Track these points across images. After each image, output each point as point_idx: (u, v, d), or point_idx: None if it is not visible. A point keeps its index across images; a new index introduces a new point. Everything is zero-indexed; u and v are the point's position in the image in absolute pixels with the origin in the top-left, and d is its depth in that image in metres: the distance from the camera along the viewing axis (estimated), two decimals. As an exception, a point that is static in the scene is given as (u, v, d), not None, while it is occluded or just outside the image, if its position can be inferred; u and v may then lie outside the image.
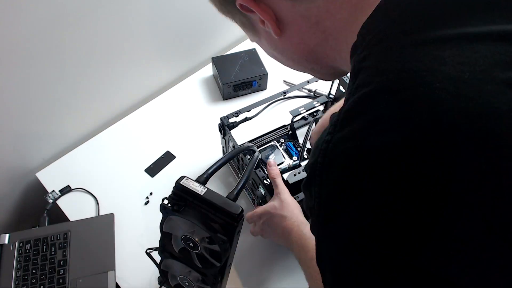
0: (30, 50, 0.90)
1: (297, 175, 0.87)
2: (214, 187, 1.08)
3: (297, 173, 0.87)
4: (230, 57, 1.30)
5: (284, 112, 1.22)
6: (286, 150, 1.08)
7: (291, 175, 0.87)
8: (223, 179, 1.11)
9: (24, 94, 0.97)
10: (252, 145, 0.83)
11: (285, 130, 1.12)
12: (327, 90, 1.11)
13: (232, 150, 0.77)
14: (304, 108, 1.02)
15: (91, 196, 1.08)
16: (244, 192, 1.08)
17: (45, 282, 0.93)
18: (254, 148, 0.83)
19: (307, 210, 0.43)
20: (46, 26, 0.89)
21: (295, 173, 0.87)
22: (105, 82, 1.13)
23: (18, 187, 1.14)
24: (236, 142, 0.97)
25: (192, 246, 0.66)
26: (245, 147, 0.82)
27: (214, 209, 0.61)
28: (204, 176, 0.68)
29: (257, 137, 1.08)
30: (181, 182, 0.62)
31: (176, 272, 0.78)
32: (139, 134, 1.20)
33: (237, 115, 1.01)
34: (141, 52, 1.16)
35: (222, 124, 1.00)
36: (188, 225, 0.63)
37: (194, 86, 1.31)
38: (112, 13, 0.99)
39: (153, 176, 1.12)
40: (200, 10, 1.21)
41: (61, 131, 1.14)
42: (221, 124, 1.00)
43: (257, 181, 0.91)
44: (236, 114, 1.01)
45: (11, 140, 1.03)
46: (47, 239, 0.98)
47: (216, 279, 0.73)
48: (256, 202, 1.01)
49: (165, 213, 0.64)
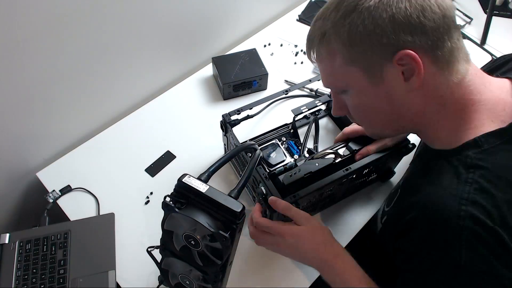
0: (30, 50, 0.89)
1: (292, 176, 0.87)
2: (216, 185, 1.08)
3: (292, 174, 0.87)
4: (230, 57, 1.30)
5: (285, 111, 1.23)
6: (288, 149, 1.08)
7: (287, 176, 0.87)
8: (225, 177, 1.12)
9: (25, 94, 0.97)
10: (253, 143, 0.83)
11: (287, 128, 1.13)
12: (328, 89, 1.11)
13: (234, 149, 0.78)
14: (306, 107, 1.03)
15: (92, 195, 1.08)
16: (245, 189, 1.08)
17: (46, 281, 0.93)
18: (256, 146, 0.83)
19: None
20: (47, 26, 0.89)
21: (291, 174, 0.87)
22: (105, 82, 1.13)
23: (19, 187, 1.14)
24: (237, 140, 0.97)
25: (194, 244, 0.66)
26: (246, 145, 0.82)
27: (216, 207, 0.61)
28: (206, 174, 0.68)
29: (258, 135, 1.08)
30: (183, 180, 0.62)
31: (177, 270, 0.78)
32: (139, 134, 1.20)
33: (239, 112, 1.01)
34: (141, 52, 1.16)
35: (224, 121, 1.00)
36: (190, 222, 0.63)
37: (194, 86, 1.32)
38: (112, 13, 0.99)
39: (153, 176, 1.12)
40: (200, 10, 1.21)
41: (61, 131, 1.14)
42: (223, 121, 1.00)
43: (257, 179, 0.92)
44: (238, 111, 1.01)
45: (11, 140, 1.03)
46: (47, 239, 0.98)
47: (217, 278, 0.73)
48: (256, 200, 1.01)
49: (167, 211, 0.64)
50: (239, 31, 1.44)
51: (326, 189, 0.91)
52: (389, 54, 0.60)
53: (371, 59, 0.62)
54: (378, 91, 0.65)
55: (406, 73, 0.62)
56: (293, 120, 1.10)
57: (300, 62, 1.39)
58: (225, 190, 0.63)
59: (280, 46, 1.43)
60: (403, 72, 0.62)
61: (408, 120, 0.69)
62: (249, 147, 0.82)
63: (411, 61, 0.60)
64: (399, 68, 0.61)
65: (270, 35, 1.46)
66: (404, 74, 0.62)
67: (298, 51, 1.41)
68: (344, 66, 0.65)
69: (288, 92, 1.06)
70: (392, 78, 0.63)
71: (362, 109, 0.71)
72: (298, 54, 1.41)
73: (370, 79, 0.64)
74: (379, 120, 0.72)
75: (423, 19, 0.58)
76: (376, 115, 0.70)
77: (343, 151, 0.95)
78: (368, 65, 0.63)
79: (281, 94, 1.05)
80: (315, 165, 0.89)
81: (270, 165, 0.99)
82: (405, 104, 0.66)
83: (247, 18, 1.43)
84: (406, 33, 0.59)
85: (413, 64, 0.60)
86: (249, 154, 0.95)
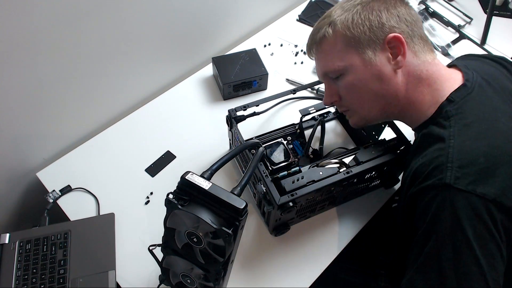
0: (30, 50, 0.89)
1: (295, 183, 0.87)
2: (219, 182, 1.08)
3: (295, 180, 0.87)
4: (230, 57, 1.30)
5: (291, 111, 1.23)
6: (293, 149, 1.08)
7: (289, 182, 0.87)
8: (228, 174, 1.11)
9: (25, 94, 0.96)
10: (257, 141, 0.83)
11: (293, 129, 1.12)
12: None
13: (238, 146, 0.78)
14: (314, 108, 1.03)
15: (92, 195, 1.07)
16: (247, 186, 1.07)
17: (46, 281, 0.93)
18: (259, 144, 0.83)
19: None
20: (47, 26, 0.89)
21: (293, 180, 0.87)
22: (105, 82, 1.13)
23: (19, 187, 1.13)
24: (242, 136, 0.97)
25: (196, 241, 0.66)
26: (249, 143, 0.82)
27: (219, 204, 0.61)
28: (209, 171, 0.68)
29: (265, 133, 1.08)
30: (186, 177, 0.63)
31: (178, 269, 0.78)
32: (139, 134, 1.20)
33: (245, 108, 1.00)
34: (141, 52, 1.16)
35: (230, 116, 1.00)
36: (193, 219, 0.63)
37: (194, 86, 1.32)
38: (112, 13, 0.99)
39: (153, 176, 1.12)
40: (200, 10, 1.21)
41: (61, 131, 1.14)
42: (229, 116, 1.00)
43: (258, 176, 0.91)
44: (244, 107, 1.00)
45: (11, 140, 1.03)
46: (47, 239, 0.98)
47: (219, 276, 0.73)
48: (256, 197, 1.01)
49: (169, 208, 0.64)
50: (239, 31, 1.44)
51: (324, 190, 0.91)
52: (380, 36, 0.78)
53: (367, 42, 0.79)
54: (372, 70, 0.80)
55: (393, 54, 0.79)
56: (300, 121, 1.10)
57: (300, 62, 1.39)
58: (228, 187, 0.63)
59: (280, 46, 1.43)
60: (391, 53, 0.79)
61: (393, 97, 0.82)
62: (253, 145, 0.82)
63: (398, 42, 0.77)
64: (388, 50, 0.79)
65: (270, 35, 1.46)
66: (392, 55, 0.79)
67: (298, 51, 1.41)
68: (344, 48, 0.81)
69: (295, 92, 1.05)
70: (382, 58, 0.79)
71: (355, 89, 0.84)
72: (298, 54, 1.41)
73: (365, 59, 0.80)
74: (368, 99, 0.84)
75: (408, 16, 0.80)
76: (366, 93, 0.83)
77: (350, 161, 0.94)
78: (363, 47, 0.79)
79: (289, 93, 1.05)
80: (318, 174, 0.89)
81: (273, 163, 0.99)
82: (392, 82, 0.80)
83: (247, 18, 1.43)
84: (394, 21, 0.78)
85: (399, 46, 0.77)
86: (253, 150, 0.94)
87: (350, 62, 0.81)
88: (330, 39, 0.82)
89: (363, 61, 0.80)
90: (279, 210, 0.85)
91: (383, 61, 0.79)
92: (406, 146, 0.96)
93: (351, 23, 0.79)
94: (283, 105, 1.26)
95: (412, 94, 0.81)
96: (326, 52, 0.85)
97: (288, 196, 0.85)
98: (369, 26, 0.78)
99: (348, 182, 0.92)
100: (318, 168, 0.90)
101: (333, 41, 0.82)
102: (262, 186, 0.88)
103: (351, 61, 0.81)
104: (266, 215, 0.98)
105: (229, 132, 1.06)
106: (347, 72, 0.82)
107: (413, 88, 0.81)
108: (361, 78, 0.81)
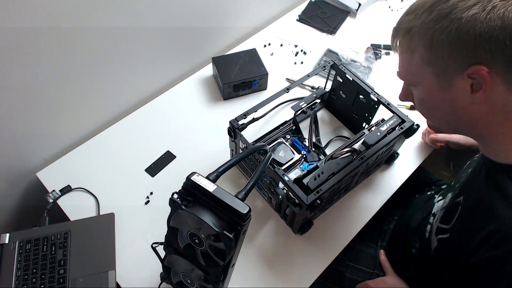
0: (30, 50, 0.89)
1: (317, 179, 0.87)
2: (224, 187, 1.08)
3: (316, 177, 0.87)
4: (230, 57, 1.30)
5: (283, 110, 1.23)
6: (293, 145, 1.08)
7: (312, 180, 0.87)
8: (234, 180, 1.12)
9: (25, 94, 0.96)
10: (264, 145, 0.83)
11: (288, 126, 1.13)
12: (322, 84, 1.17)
13: (245, 150, 0.78)
14: (304, 102, 1.03)
15: (92, 195, 1.07)
16: (259, 191, 1.08)
17: (46, 281, 0.93)
18: (267, 148, 0.83)
19: None
20: (47, 26, 0.88)
21: (315, 177, 0.87)
22: (105, 82, 1.13)
23: (19, 187, 1.13)
24: (248, 143, 0.96)
25: (198, 243, 0.66)
26: (257, 147, 0.82)
27: (222, 207, 0.61)
28: (215, 173, 0.68)
29: (262, 135, 1.08)
30: (192, 178, 0.63)
31: (179, 268, 0.78)
32: (139, 134, 1.20)
33: (245, 116, 0.99)
34: (141, 52, 1.15)
35: (232, 127, 0.98)
36: (195, 221, 0.63)
37: (194, 86, 1.32)
38: (113, 13, 0.99)
39: (153, 176, 1.12)
40: (200, 10, 1.21)
41: (61, 131, 1.13)
42: (231, 127, 0.98)
43: (276, 179, 0.91)
44: (245, 115, 0.99)
45: (11, 140, 1.02)
46: (47, 239, 0.98)
47: (218, 278, 0.73)
48: (273, 201, 1.01)
49: (173, 208, 0.64)
50: (239, 31, 1.44)
51: (344, 180, 0.92)
52: (463, 66, 0.63)
53: (446, 66, 0.65)
54: (444, 95, 0.69)
55: (474, 86, 0.64)
56: (294, 117, 1.11)
57: (300, 62, 1.39)
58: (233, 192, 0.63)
59: (280, 46, 1.43)
60: (471, 84, 0.64)
61: (466, 125, 0.72)
62: (261, 148, 0.82)
63: (481, 78, 0.62)
64: (469, 80, 0.64)
65: (270, 35, 1.46)
66: (472, 87, 0.65)
67: (298, 51, 1.42)
68: (420, 64, 0.69)
69: (289, 90, 1.05)
70: (460, 88, 0.66)
71: (425, 105, 0.76)
72: (298, 54, 1.41)
73: (440, 83, 0.68)
74: (439, 118, 0.76)
75: (508, 42, 0.59)
76: (436, 112, 0.75)
77: (359, 146, 0.95)
78: (441, 70, 0.66)
79: (282, 93, 1.05)
80: (336, 165, 0.90)
81: (281, 164, 0.99)
82: (466, 112, 0.69)
83: (247, 18, 1.43)
84: (486, 51, 0.60)
85: (482, 81, 0.62)
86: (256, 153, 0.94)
87: (423, 79, 0.71)
88: (406, 48, 0.71)
89: (437, 83, 0.69)
90: (308, 209, 0.86)
91: (460, 90, 0.66)
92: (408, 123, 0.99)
93: (431, 39, 0.66)
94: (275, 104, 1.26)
95: (497, 128, 0.69)
96: (403, 59, 0.74)
97: (314, 194, 0.85)
98: (452, 51, 0.64)
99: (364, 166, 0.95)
100: (333, 160, 0.91)
101: (409, 52, 0.71)
102: (283, 189, 0.88)
103: (425, 80, 0.70)
104: (289, 217, 0.99)
105: (232, 142, 1.04)
106: (419, 86, 0.73)
107: (498, 123, 0.68)
108: (432, 100, 0.72)
